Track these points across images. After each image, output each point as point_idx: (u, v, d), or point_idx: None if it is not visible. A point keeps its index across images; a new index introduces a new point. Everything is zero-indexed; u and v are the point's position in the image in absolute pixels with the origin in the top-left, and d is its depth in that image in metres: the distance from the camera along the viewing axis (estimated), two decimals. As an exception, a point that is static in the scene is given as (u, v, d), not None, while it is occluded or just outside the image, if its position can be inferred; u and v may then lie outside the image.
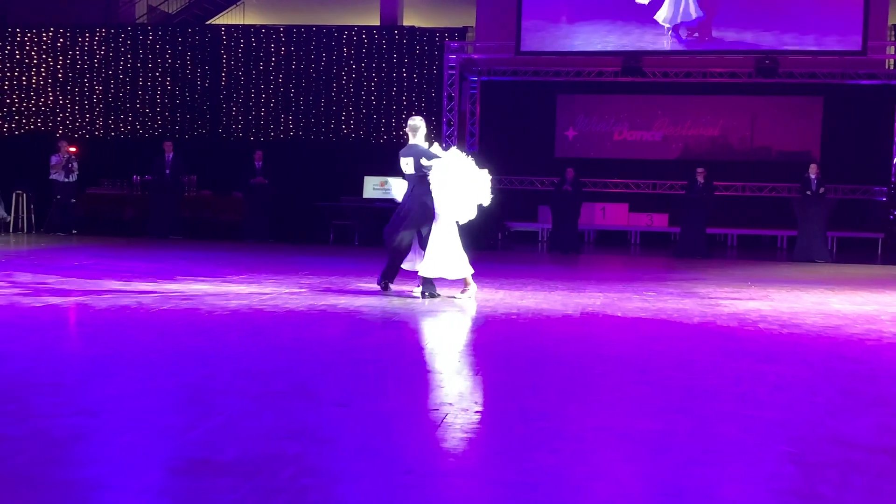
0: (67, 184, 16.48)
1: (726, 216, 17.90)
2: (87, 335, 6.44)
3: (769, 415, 4.32)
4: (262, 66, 18.89)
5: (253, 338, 6.22)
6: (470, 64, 18.15)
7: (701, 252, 14.98)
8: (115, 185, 17.88)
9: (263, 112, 18.94)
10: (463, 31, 19.01)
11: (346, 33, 18.80)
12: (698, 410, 4.42)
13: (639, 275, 11.44)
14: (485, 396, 4.75)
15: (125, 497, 3.02)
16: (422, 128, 8.58)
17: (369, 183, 15.95)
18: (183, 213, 16.66)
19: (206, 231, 16.66)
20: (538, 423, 4.04)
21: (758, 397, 4.72)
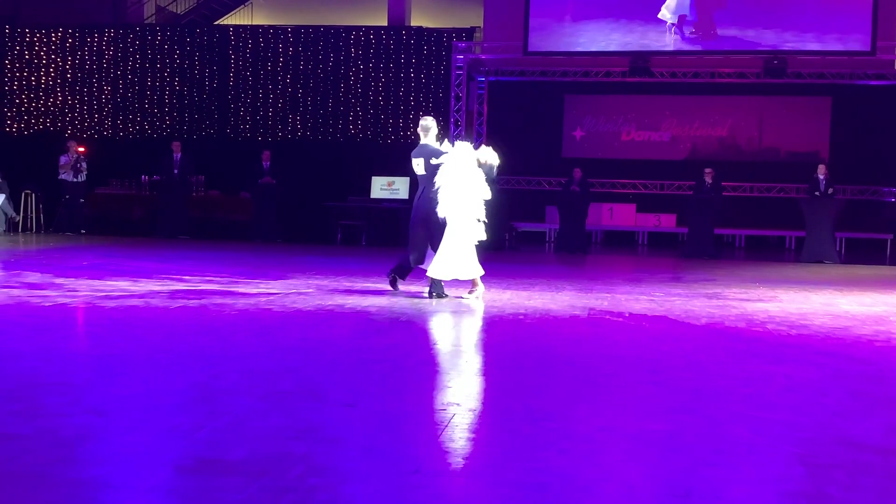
0: (76, 184, 16.54)
1: (734, 217, 17.87)
2: (94, 335, 6.46)
3: (778, 416, 4.31)
4: (269, 66, 18.91)
5: (261, 338, 6.22)
6: (477, 64, 18.15)
7: (709, 253, 14.95)
8: (123, 184, 17.95)
9: (271, 112, 18.96)
10: (470, 32, 19.01)
11: (353, 34, 18.81)
12: (706, 411, 4.41)
13: (646, 275, 11.43)
14: (492, 396, 4.74)
15: (133, 496, 3.03)
16: (433, 128, 8.59)
17: (377, 183, 15.96)
18: (191, 213, 16.71)
19: (213, 231, 16.70)
20: (546, 424, 4.03)
21: (766, 398, 4.71)
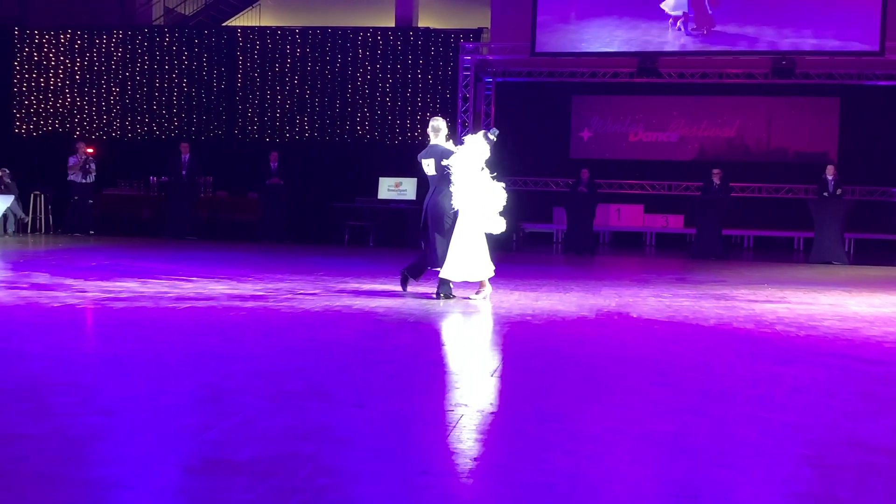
0: (85, 185, 16.59)
1: (742, 217, 17.82)
2: (103, 335, 6.48)
3: (786, 417, 4.30)
4: (277, 67, 18.93)
5: (269, 338, 6.24)
6: (485, 65, 18.14)
7: (717, 253, 14.92)
8: (131, 185, 17.98)
9: (279, 113, 18.99)
10: (478, 33, 18.99)
11: (361, 35, 18.82)
12: (714, 412, 4.40)
13: (654, 276, 11.41)
14: (500, 397, 4.75)
15: (142, 496, 3.04)
16: (443, 129, 8.60)
17: (384, 184, 15.97)
18: (199, 214, 16.73)
19: (222, 231, 16.73)
20: (553, 424, 4.03)
21: (774, 399, 4.70)
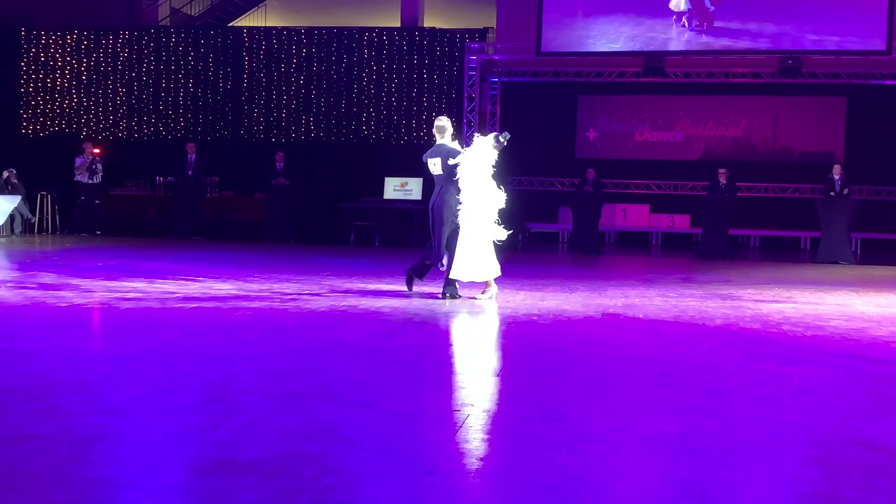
0: (91, 185, 16.63)
1: (749, 217, 17.80)
2: (110, 335, 6.49)
3: (793, 418, 4.29)
4: (283, 67, 18.95)
5: (275, 338, 6.24)
6: (490, 65, 18.14)
7: (723, 253, 14.90)
8: (138, 186, 18.02)
9: (285, 113, 19.00)
10: (483, 32, 18.99)
11: (366, 35, 18.83)
12: (721, 413, 4.39)
13: (660, 276, 11.39)
14: (506, 397, 4.74)
15: (149, 496, 3.04)
16: (448, 128, 8.59)
17: (390, 184, 15.98)
18: (205, 214, 16.77)
19: (228, 231, 16.76)
20: (559, 425, 4.03)
21: (781, 400, 4.69)
